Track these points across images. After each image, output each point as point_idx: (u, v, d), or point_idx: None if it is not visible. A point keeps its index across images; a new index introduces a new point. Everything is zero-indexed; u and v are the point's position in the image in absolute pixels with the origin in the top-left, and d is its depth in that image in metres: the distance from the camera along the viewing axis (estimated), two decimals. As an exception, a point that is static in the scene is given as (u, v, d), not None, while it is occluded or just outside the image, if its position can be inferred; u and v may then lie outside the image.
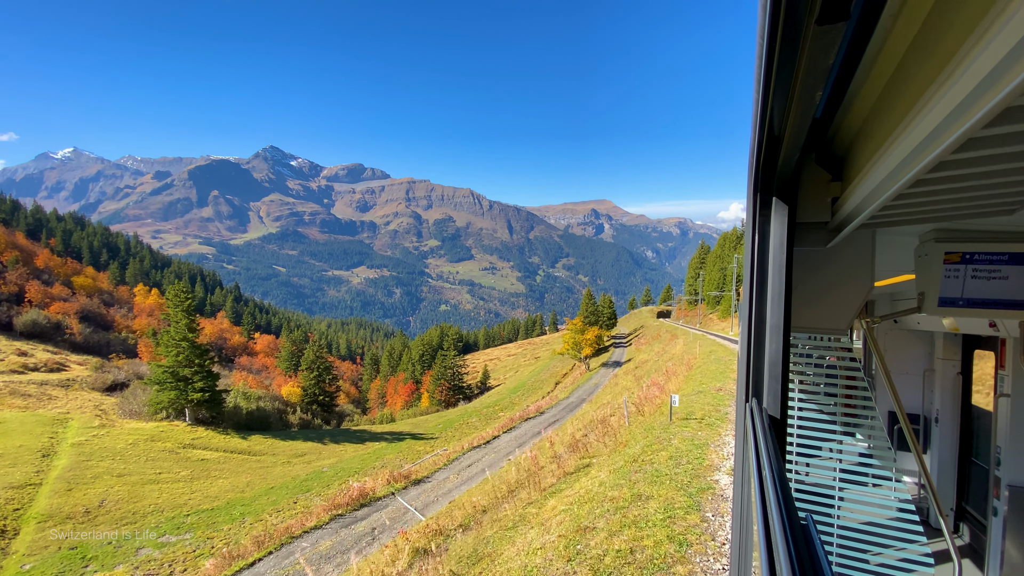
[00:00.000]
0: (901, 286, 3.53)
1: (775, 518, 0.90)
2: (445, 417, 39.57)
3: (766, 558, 0.83)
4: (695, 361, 21.45)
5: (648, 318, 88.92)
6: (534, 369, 64.37)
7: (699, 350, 25.25)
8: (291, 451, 27.61)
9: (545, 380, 55.03)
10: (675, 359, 26.44)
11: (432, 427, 36.02)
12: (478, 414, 39.85)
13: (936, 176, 1.23)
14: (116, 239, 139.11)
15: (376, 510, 15.70)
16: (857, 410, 2.32)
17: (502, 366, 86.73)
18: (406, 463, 25.51)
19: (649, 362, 33.94)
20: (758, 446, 1.27)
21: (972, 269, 2.16)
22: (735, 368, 17.33)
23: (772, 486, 1.02)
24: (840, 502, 2.24)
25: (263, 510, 18.78)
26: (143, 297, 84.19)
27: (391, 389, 73.70)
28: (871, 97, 1.26)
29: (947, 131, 0.88)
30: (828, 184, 1.77)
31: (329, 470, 24.70)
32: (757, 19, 0.87)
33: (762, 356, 1.67)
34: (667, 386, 15.43)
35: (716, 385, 13.87)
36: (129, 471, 21.18)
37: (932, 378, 5.41)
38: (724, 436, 8.73)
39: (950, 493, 5.07)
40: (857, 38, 1.05)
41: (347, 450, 29.05)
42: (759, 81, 1.03)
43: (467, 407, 46.19)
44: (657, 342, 46.46)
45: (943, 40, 0.80)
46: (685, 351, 28.04)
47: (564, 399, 33.55)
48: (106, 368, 38.11)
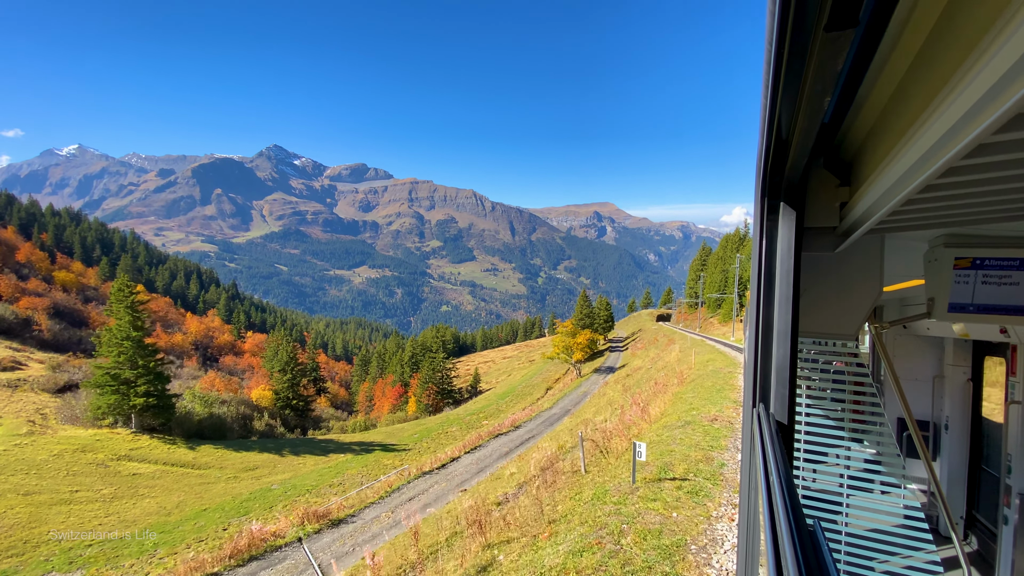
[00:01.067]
0: (910, 291, 3.53)
1: (783, 524, 0.89)
2: (424, 425, 36.89)
3: (773, 564, 0.82)
4: (689, 372, 18.71)
5: (647, 321, 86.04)
6: (527, 374, 61.67)
7: (695, 359, 22.47)
8: (242, 464, 24.99)
9: (536, 385, 52.38)
10: (668, 369, 23.72)
11: (407, 436, 33.34)
12: (460, 422, 37.19)
13: (946, 181, 1.23)
14: (112, 235, 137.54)
15: (269, 566, 12.46)
16: (865, 416, 2.31)
17: (495, 369, 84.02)
18: (366, 480, 22.88)
19: (642, 370, 31.21)
20: (765, 452, 1.27)
21: (983, 275, 2.15)
22: (736, 383, 14.67)
23: (780, 492, 1.01)
24: (848, 509, 2.23)
25: (183, 539, 16.13)
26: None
27: (379, 392, 71.02)
28: (880, 102, 1.25)
29: (957, 137, 0.87)
30: (836, 189, 1.75)
31: (279, 487, 22.07)
32: (765, 26, 0.87)
33: (769, 361, 1.67)
34: (652, 408, 12.63)
35: (710, 412, 10.81)
36: (41, 488, 18.59)
37: (942, 384, 5.29)
38: (717, 521, 5.43)
39: (960, 501, 4.93)
40: (866, 44, 1.04)
41: (306, 463, 26.40)
42: (767, 86, 1.03)
43: (449, 414, 43.55)
44: (653, 347, 43.70)
45: (953, 46, 0.79)
46: (680, 359, 25.29)
47: (546, 410, 30.86)
48: (62, 368, 35.55)
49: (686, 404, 12.32)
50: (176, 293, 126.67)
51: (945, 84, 0.83)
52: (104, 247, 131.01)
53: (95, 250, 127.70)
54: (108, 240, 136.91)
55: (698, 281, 67.54)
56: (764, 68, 0.99)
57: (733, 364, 19.32)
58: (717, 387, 14.12)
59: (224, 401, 34.89)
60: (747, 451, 1.75)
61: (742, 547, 1.72)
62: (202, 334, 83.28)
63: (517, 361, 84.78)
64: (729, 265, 56.64)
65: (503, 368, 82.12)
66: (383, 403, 67.63)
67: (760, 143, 1.34)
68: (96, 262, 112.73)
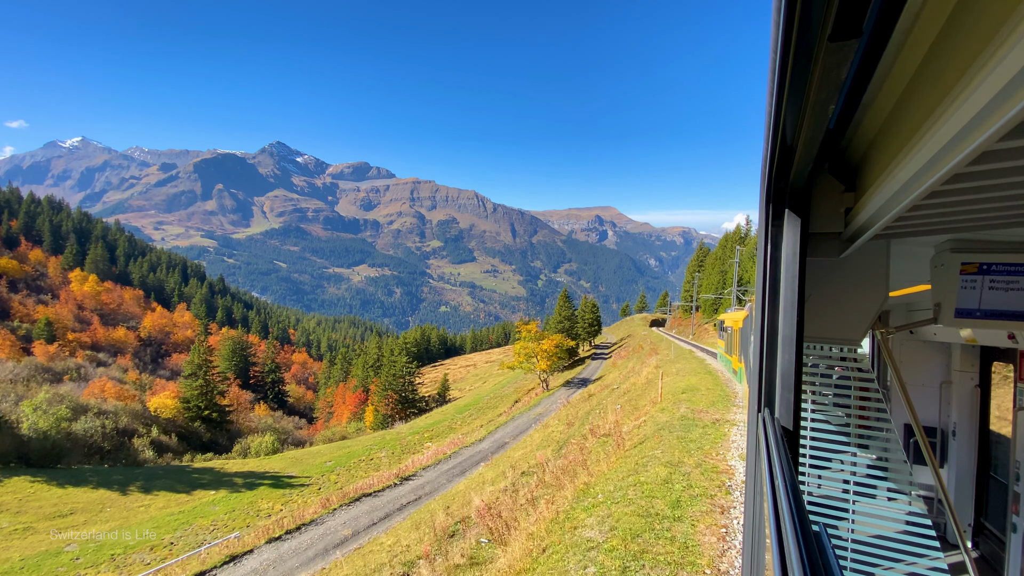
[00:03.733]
0: (917, 296, 3.54)
1: (788, 529, 0.88)
2: (346, 449, 30.33)
3: (779, 569, 0.81)
4: (648, 412, 12.06)
5: (639, 326, 79.29)
6: (499, 382, 55.21)
7: (667, 385, 15.75)
8: (54, 507, 18.56)
9: (505, 397, 45.96)
10: (630, 395, 17.17)
11: (318, 464, 26.85)
12: (394, 445, 30.71)
13: (951, 188, 1.23)
14: (94, 225, 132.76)
15: None
16: (871, 422, 2.30)
17: (473, 375, 77.53)
18: (217, 534, 16.53)
19: (607, 390, 24.64)
20: (770, 457, 1.27)
21: (990, 280, 2.15)
22: (725, 441, 8.25)
23: (785, 496, 1.00)
24: (853, 515, 2.21)
25: None
26: (78, 284, 75.61)
27: (338, 399, 64.50)
28: (885, 108, 1.25)
29: (962, 143, 0.87)
30: (841, 194, 1.75)
31: (75, 549, 15.64)
32: (770, 35, 0.87)
33: (774, 366, 1.66)
34: (579, 478, 6.13)
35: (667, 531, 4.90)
36: None
37: (949, 390, 5.20)
38: None
39: (968, 508, 4.84)
40: (870, 51, 1.03)
41: (153, 505, 19.94)
42: (772, 94, 1.03)
43: (387, 433, 37.10)
44: (635, 356, 37.09)
45: (956, 54, 0.79)
46: (649, 381, 18.68)
47: (486, 436, 24.35)
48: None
49: (606, 499, 5.87)
50: (152, 286, 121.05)
51: (950, 91, 0.82)
52: (81, 237, 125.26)
53: (69, 239, 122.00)
54: (86, 230, 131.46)
55: (693, 284, 60.84)
56: (769, 76, 0.99)
57: (722, 399, 12.55)
58: (683, 449, 7.53)
59: (103, 412, 28.40)
60: (752, 456, 1.77)
61: (747, 552, 1.70)
62: (157, 329, 77.06)
63: (497, 366, 78.37)
64: (728, 264, 49.99)
65: (481, 374, 75.66)
66: (343, 411, 61.20)
67: (765, 149, 1.34)
68: (81, 252, 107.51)
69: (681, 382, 16.10)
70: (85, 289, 74.23)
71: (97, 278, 79.36)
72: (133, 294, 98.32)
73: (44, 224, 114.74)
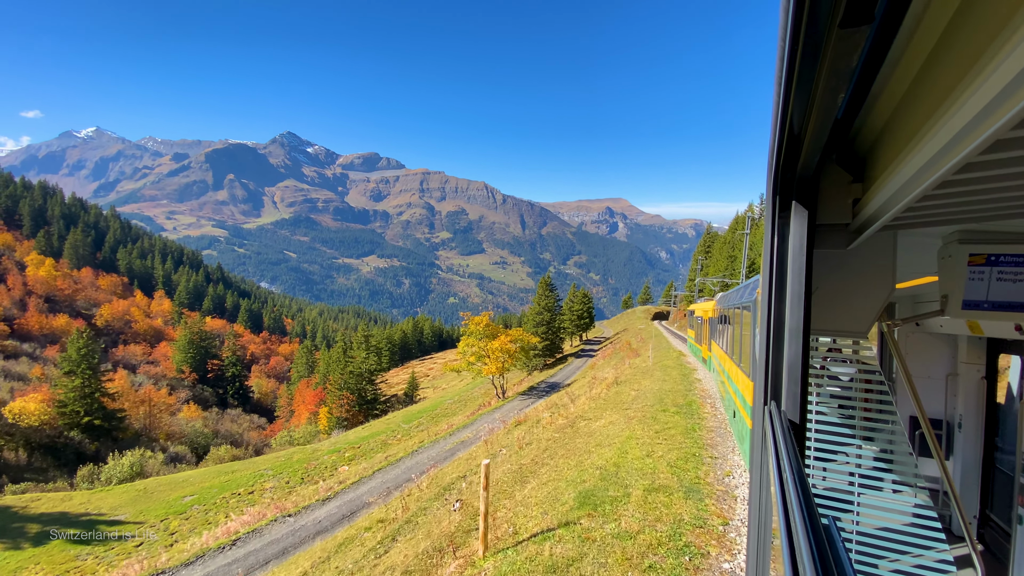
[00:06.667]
0: (923, 288, 3.51)
1: (797, 521, 0.88)
2: (229, 475, 23.57)
3: (789, 561, 0.81)
4: (603, 455, 4.95)
5: (640, 319, 71.51)
6: (468, 384, 48.26)
7: (606, 435, 8.50)
8: None
9: (469, 400, 39.13)
10: (543, 452, 10.04)
11: (171, 501, 20.17)
12: (297, 468, 24.00)
13: (962, 178, 1.22)
14: (88, 212, 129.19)
15: None
16: (877, 414, 2.29)
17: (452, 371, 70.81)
18: None
19: (554, 408, 17.44)
20: (778, 449, 1.27)
21: (997, 271, 2.13)
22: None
23: (793, 488, 1.00)
24: (859, 507, 2.21)
25: None
26: (34, 268, 70.49)
27: (298, 397, 58.33)
28: (894, 97, 1.23)
29: (974, 132, 0.86)
30: (849, 185, 1.73)
31: None
32: (779, 21, 0.85)
33: (781, 359, 1.65)
34: None
35: None
36: None
37: (955, 382, 5.06)
38: None
39: (973, 500, 4.72)
40: (880, 39, 1.02)
41: None
42: (780, 83, 1.01)
43: (297, 451, 30.25)
44: (615, 357, 29.74)
45: (970, 41, 0.78)
46: (582, 420, 11.43)
47: (374, 473, 17.38)
48: None
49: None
50: (139, 273, 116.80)
51: (962, 79, 0.80)
52: (68, 221, 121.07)
53: (56, 224, 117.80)
54: (74, 215, 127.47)
55: (698, 270, 52.87)
56: (777, 64, 0.97)
57: (724, 439, 5.54)
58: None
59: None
60: (758, 449, 1.78)
61: (752, 545, 1.70)
62: (119, 315, 71.69)
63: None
64: (736, 247, 42.15)
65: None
66: (302, 410, 55.06)
67: (772, 140, 1.33)
68: (60, 237, 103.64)
69: (625, 431, 8.81)
70: (40, 274, 69.03)
71: (53, 262, 74.13)
72: (111, 280, 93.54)
73: (24, 208, 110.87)
